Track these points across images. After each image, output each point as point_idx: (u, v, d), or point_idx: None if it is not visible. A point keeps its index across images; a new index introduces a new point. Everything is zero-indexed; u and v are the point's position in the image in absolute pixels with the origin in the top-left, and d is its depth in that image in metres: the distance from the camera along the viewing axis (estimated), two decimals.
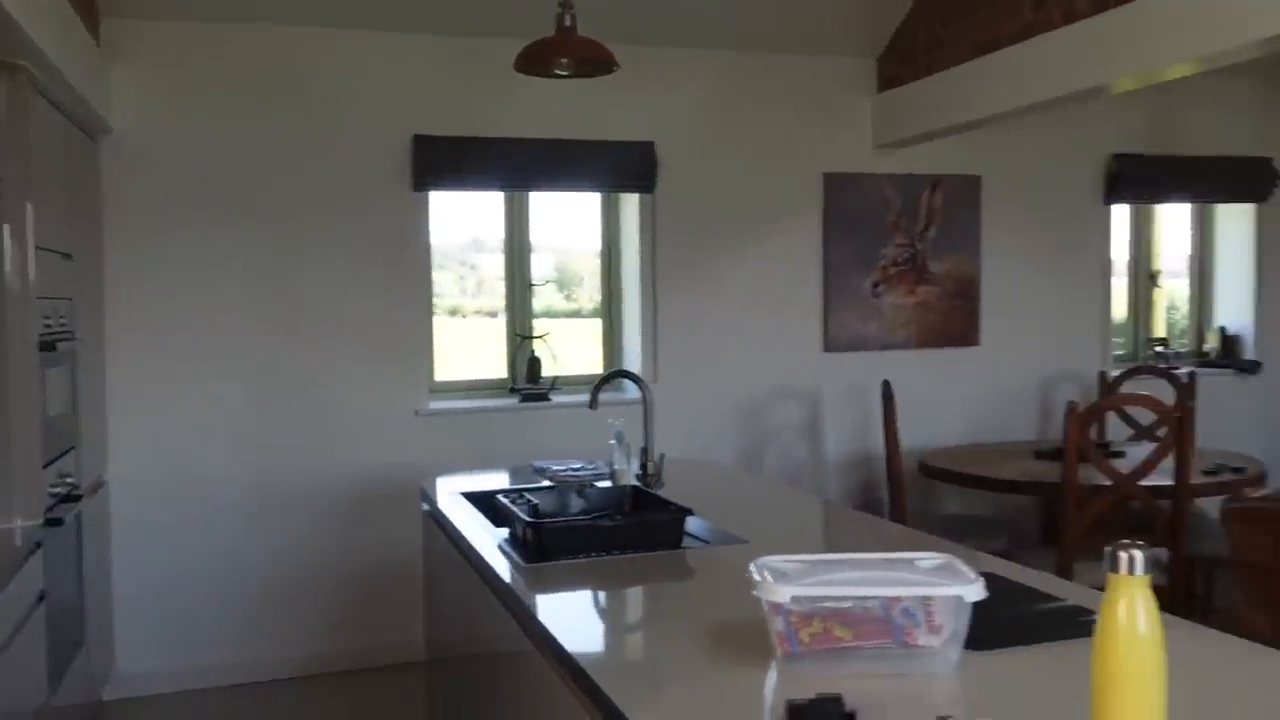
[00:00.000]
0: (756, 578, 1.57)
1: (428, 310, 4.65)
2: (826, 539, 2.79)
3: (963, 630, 1.54)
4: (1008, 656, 1.60)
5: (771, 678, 1.54)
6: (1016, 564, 2.21)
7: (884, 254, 5.14)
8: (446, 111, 4.53)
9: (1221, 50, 3.31)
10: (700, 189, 4.90)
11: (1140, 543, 1.08)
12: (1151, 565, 1.07)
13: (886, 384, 4.49)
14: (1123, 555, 1.07)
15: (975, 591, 1.51)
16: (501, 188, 4.73)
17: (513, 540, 2.41)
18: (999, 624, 1.67)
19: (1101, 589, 1.11)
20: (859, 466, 5.20)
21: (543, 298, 5.02)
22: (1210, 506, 3.98)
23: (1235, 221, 5.95)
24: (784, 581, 1.55)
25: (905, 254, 5.17)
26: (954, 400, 5.30)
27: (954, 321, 5.28)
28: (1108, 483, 3.66)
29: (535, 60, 3.11)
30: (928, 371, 5.23)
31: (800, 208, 5.06)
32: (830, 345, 5.10)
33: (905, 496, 4.35)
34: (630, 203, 4.96)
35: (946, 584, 1.53)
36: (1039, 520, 4.89)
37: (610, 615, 2.05)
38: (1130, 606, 1.07)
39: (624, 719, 1.43)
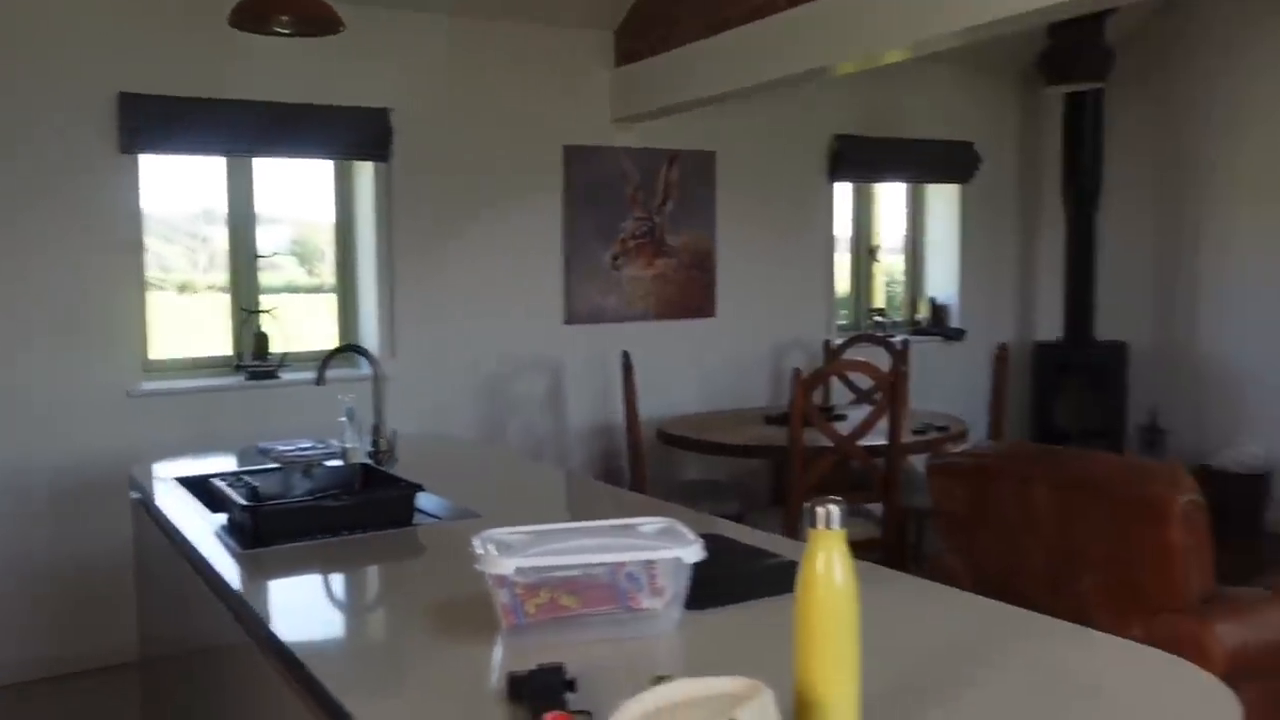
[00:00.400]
0: (479, 551, 1.53)
1: (140, 283, 4.29)
2: (564, 509, 2.80)
3: (683, 591, 1.57)
4: (727, 613, 1.65)
5: (497, 652, 1.52)
6: (746, 525, 2.29)
7: (623, 227, 5.22)
8: (159, 68, 4.18)
9: (932, 36, 3.54)
10: (439, 159, 4.79)
11: (838, 499, 1.13)
12: (846, 519, 1.12)
13: (626, 355, 4.56)
14: (820, 511, 1.11)
15: (694, 553, 1.54)
16: (223, 153, 4.43)
17: (230, 527, 2.26)
18: (720, 583, 1.71)
19: None
20: (601, 436, 5.27)
21: (284, 272, 4.76)
22: (920, 463, 4.30)
23: (943, 201, 6.44)
24: (508, 554, 1.53)
25: (644, 227, 5.26)
26: (692, 369, 5.47)
27: (691, 293, 5.43)
28: (830, 444, 3.87)
29: (251, 16, 2.91)
30: (666, 342, 5.36)
31: (541, 180, 5.04)
32: (571, 317, 5.12)
33: (645, 464, 4.44)
34: (365, 172, 4.77)
35: (667, 547, 1.56)
36: (770, 482, 5.14)
37: (332, 600, 1.96)
38: (828, 559, 1.11)
39: (341, 709, 1.37)
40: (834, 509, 1.11)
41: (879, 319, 6.25)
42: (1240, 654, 2.53)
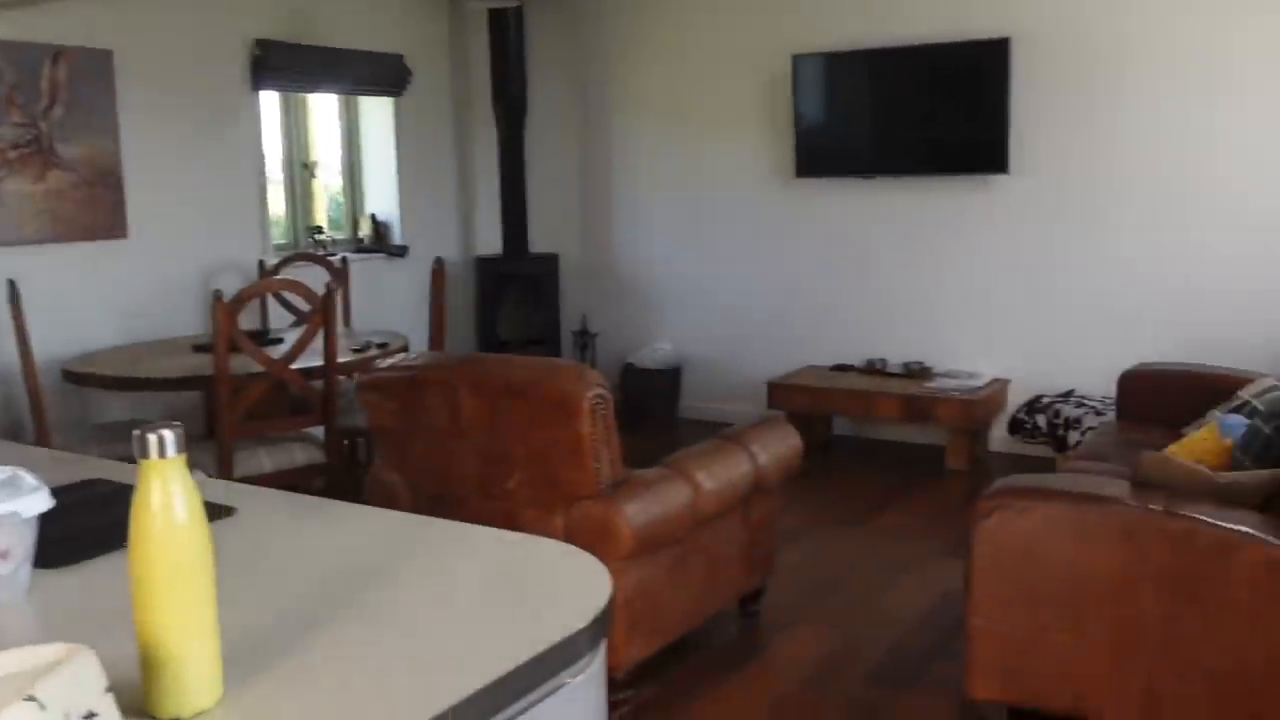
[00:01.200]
0: None
1: None
2: None
3: (31, 549, 1.33)
4: (96, 567, 1.44)
5: None
6: None
7: (1, 135, 4.43)
8: None
9: None
10: None
11: (175, 423, 0.98)
12: (183, 445, 0.98)
13: (12, 284, 3.91)
14: (151, 438, 0.96)
15: (38, 503, 1.30)
16: None
17: None
18: (90, 534, 1.49)
19: (255, 479, 0.99)
20: None
21: None
22: None
23: (378, 116, 6.32)
24: None
25: (28, 135, 4.51)
26: (105, 298, 4.86)
27: (96, 212, 4.79)
28: (262, 369, 3.65)
29: None
30: (71, 268, 4.70)
31: None
32: None
33: (46, 412, 3.88)
34: None
35: (4, 500, 1.30)
36: (205, 416, 4.76)
37: None
38: (165, 492, 0.97)
39: None
40: (168, 434, 0.96)
41: (319, 237, 6.02)
42: (646, 528, 2.79)
